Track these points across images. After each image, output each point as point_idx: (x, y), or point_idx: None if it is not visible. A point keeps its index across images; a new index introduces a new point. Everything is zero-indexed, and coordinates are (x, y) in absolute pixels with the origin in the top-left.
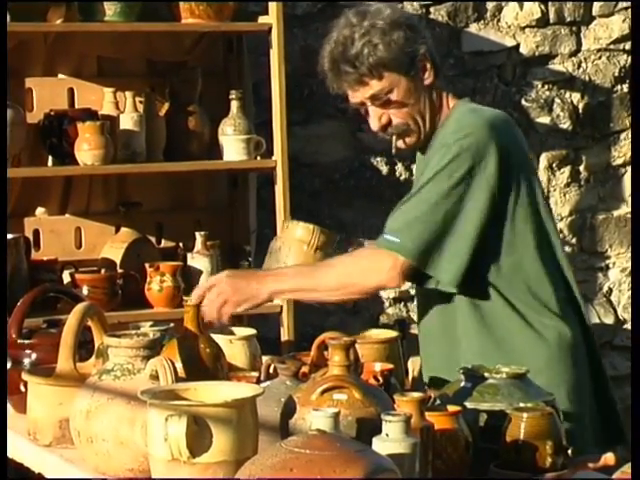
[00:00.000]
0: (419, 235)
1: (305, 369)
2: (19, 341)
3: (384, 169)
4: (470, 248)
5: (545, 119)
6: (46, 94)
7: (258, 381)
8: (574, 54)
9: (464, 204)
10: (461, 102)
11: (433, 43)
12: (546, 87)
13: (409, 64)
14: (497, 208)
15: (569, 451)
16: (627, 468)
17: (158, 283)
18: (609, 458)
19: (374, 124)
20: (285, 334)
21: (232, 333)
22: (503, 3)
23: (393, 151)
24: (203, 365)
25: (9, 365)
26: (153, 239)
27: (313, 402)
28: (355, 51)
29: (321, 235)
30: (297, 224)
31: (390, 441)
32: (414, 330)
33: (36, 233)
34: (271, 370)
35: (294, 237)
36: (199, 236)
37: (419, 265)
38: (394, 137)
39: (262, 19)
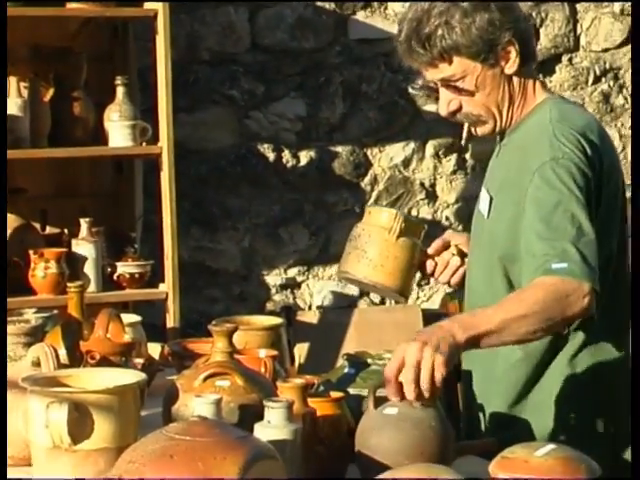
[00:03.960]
0: (586, 259)
1: None
2: None
3: (271, 156)
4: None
5: (432, 107)
6: None
7: (143, 368)
8: None
9: (593, 221)
10: (551, 100)
11: (528, 26)
12: None
13: (487, 52)
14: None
15: None
16: (507, 453)
17: (42, 269)
18: (491, 444)
19: (442, 109)
20: (171, 321)
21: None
22: None
23: (462, 142)
24: None
25: None
26: (37, 225)
27: (196, 388)
28: (428, 30)
29: (404, 222)
30: (380, 210)
31: (272, 427)
32: (300, 317)
33: None
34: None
35: (376, 223)
36: (84, 222)
37: (598, 289)
38: (466, 125)
39: (148, 5)
